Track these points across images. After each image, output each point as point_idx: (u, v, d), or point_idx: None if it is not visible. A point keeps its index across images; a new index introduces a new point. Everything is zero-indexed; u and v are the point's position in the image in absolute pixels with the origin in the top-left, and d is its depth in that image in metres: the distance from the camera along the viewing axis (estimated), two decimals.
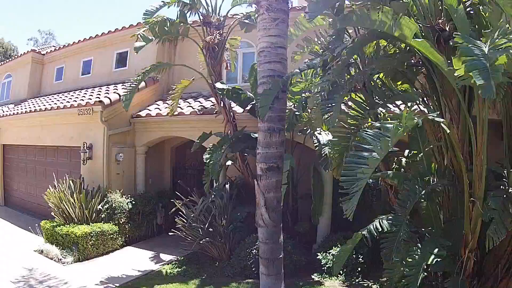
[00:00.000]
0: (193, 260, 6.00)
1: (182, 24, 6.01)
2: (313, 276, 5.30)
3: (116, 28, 8.91)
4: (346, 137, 3.88)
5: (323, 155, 5.45)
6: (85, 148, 7.12)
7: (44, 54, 10.99)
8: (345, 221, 6.54)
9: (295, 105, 5.34)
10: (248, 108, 6.00)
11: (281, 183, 4.30)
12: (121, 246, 6.74)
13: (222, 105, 5.99)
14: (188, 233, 5.87)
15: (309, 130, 5.80)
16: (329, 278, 5.17)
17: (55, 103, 8.29)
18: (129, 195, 7.07)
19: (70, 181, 6.82)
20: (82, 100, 7.65)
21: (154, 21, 5.76)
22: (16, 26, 37.87)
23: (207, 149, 5.43)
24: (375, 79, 4.09)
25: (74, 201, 6.45)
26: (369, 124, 3.94)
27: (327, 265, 5.23)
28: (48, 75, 10.95)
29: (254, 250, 5.23)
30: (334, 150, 3.98)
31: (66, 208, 6.44)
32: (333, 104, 3.29)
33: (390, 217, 3.58)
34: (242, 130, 5.86)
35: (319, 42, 4.95)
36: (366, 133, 2.72)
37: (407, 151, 4.42)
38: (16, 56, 12.49)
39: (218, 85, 5.66)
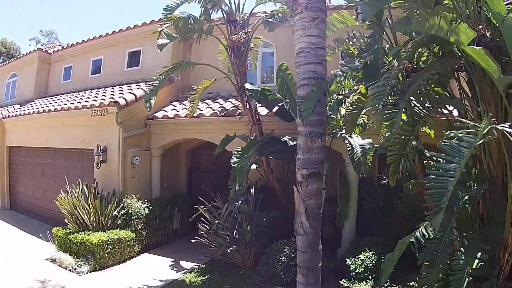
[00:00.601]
0: (215, 268, 5.67)
1: (205, 21, 5.63)
2: (341, 282, 5.07)
3: (128, 26, 8.49)
4: (402, 144, 3.66)
5: (356, 159, 5.17)
6: (99, 151, 6.70)
7: (51, 53, 10.49)
8: (369, 224, 6.34)
9: (328, 107, 5.04)
10: (274, 110, 5.67)
11: (321, 189, 4.04)
12: (138, 253, 6.35)
13: (248, 106, 5.62)
14: (211, 240, 5.52)
15: (339, 134, 5.49)
16: (358, 284, 4.93)
17: (65, 104, 7.84)
18: (145, 200, 6.68)
19: (84, 186, 6.40)
20: (95, 100, 7.23)
21: (176, 17, 5.37)
22: (18, 26, 36.99)
23: (235, 153, 5.09)
24: (425, 84, 3.83)
25: (89, 207, 6.03)
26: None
27: (356, 271, 5.00)
28: (55, 74, 10.45)
29: (283, 257, 4.97)
30: (391, 157, 3.75)
31: (80, 215, 6.02)
32: (397, 110, 3.02)
33: None
34: (271, 133, 5.51)
35: (350, 43, 4.74)
36: (444, 144, 2.50)
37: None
38: (21, 55, 11.93)
39: (247, 85, 5.32)
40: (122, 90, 7.55)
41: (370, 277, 4.87)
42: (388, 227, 6.09)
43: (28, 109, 8.82)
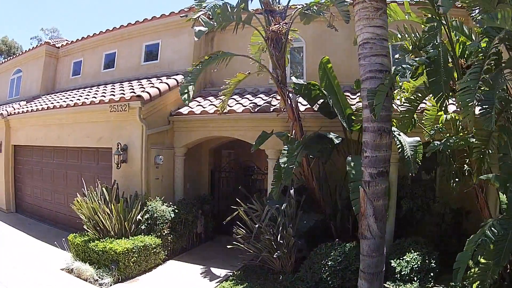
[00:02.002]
0: (251, 275, 5.02)
1: (243, 10, 4.94)
2: (386, 285, 4.54)
3: (145, 18, 7.69)
4: (485, 140, 3.35)
5: (406, 157, 4.62)
6: (119, 149, 5.90)
7: (59, 47, 9.52)
8: (407, 224, 5.84)
9: None
10: (310, 106, 5.02)
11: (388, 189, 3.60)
12: (163, 260, 5.59)
13: (289, 102, 4.96)
14: (250, 245, 4.85)
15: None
16: (404, 286, 4.43)
17: (78, 99, 6.98)
18: (170, 203, 5.91)
19: (103, 188, 5.59)
20: (113, 95, 6.41)
21: (213, 4, 4.66)
22: (19, 25, 35.09)
23: (283, 152, 4.51)
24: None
25: (111, 211, 5.23)
26: None
27: (401, 272, 4.51)
28: (63, 69, 9.50)
29: (330, 262, 4.45)
30: (476, 154, 3.46)
31: (101, 220, 5.21)
32: (491, 105, 2.77)
33: (500, 220, 3.18)
34: (318, 131, 4.89)
35: (399, 36, 4.38)
36: None
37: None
38: (24, 51, 10.82)
39: (294, 79, 4.73)
40: (142, 85, 6.75)
41: (415, 278, 4.45)
42: (424, 226, 5.73)
43: (36, 106, 7.89)
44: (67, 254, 5.55)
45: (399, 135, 4.86)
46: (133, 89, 6.47)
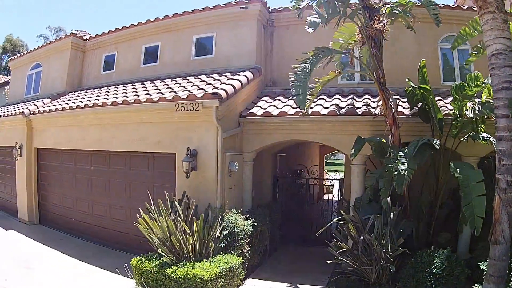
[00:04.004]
0: None
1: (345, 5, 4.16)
2: (474, 287, 4.07)
3: (196, 8, 6.59)
4: None
5: None
6: (188, 155, 4.82)
7: (86, 40, 8.07)
8: (484, 226, 5.48)
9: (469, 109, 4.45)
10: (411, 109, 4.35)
11: None
12: (242, 280, 4.66)
13: (391, 106, 4.26)
14: (349, 258, 4.14)
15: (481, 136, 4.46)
16: None
17: (125, 96, 5.77)
18: (247, 215, 4.95)
19: (176, 202, 4.51)
20: (173, 92, 5.30)
21: None
22: (24, 24, 31.53)
23: (401, 159, 3.82)
24: None
25: (193, 230, 4.18)
26: None
27: None
28: (92, 64, 8.08)
29: (434, 269, 3.99)
30: None
31: (178, 242, 4.14)
32: None
33: None
34: (425, 138, 4.27)
35: None
36: None
37: None
38: (44, 43, 8.99)
39: (410, 83, 4.04)
40: (205, 81, 5.66)
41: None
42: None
43: (67, 104, 6.52)
44: (125, 280, 4.44)
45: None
46: (197, 86, 5.39)
